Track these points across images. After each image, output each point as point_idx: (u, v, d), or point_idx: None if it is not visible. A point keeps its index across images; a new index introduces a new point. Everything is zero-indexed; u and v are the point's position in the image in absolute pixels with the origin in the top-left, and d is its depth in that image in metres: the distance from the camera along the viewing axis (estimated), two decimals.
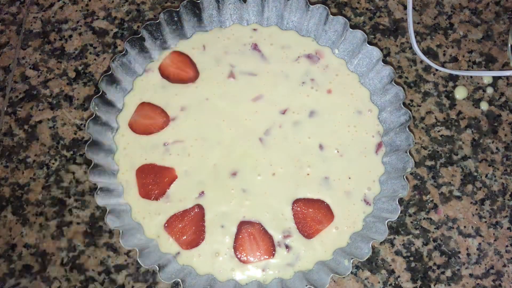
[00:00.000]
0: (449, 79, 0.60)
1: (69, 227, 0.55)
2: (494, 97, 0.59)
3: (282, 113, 0.57)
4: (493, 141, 0.58)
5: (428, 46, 0.61)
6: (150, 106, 0.57)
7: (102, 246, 0.54)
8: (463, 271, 0.54)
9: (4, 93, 0.60)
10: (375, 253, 0.54)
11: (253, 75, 0.58)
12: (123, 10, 0.63)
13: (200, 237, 0.53)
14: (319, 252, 0.52)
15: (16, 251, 0.54)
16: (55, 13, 0.63)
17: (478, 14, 0.62)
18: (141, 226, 0.53)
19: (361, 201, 0.54)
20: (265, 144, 0.56)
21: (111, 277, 0.53)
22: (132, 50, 0.57)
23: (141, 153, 0.56)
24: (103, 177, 0.53)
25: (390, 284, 0.53)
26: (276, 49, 0.59)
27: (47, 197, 0.56)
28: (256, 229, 0.53)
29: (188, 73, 0.58)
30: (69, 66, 0.61)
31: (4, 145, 0.58)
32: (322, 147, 0.56)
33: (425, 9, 0.63)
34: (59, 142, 0.58)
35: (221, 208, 0.54)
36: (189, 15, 0.58)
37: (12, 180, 0.57)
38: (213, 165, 0.55)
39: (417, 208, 0.55)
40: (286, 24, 0.60)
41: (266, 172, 0.55)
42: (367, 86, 0.58)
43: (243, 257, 0.52)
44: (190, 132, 0.56)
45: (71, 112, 0.59)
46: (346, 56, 0.58)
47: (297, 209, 0.53)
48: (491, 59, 0.60)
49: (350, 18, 0.62)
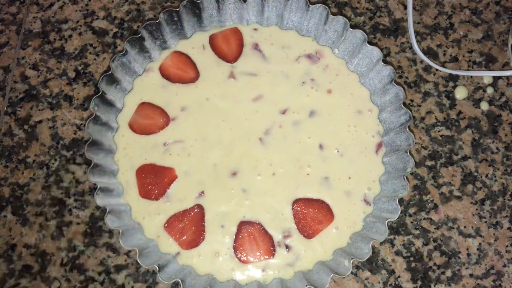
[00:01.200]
0: (449, 79, 0.60)
1: (69, 227, 0.55)
2: (494, 97, 0.59)
3: (282, 113, 0.57)
4: (493, 141, 0.58)
5: (428, 46, 0.61)
6: (150, 106, 0.57)
7: (102, 246, 0.54)
8: (463, 271, 0.53)
9: (4, 93, 0.60)
10: (375, 253, 0.54)
11: (253, 75, 0.58)
12: (123, 10, 0.63)
13: (200, 237, 0.53)
14: (319, 252, 0.52)
15: (16, 251, 0.54)
16: (55, 13, 0.63)
17: (478, 14, 0.62)
18: (141, 226, 0.53)
19: (361, 201, 0.54)
20: (265, 144, 0.56)
21: (111, 277, 0.53)
22: (132, 50, 0.57)
23: (141, 153, 0.56)
24: (103, 177, 0.53)
25: (390, 284, 0.53)
26: (276, 49, 0.59)
27: (47, 197, 0.56)
28: (256, 229, 0.53)
29: (188, 74, 0.58)
30: (69, 66, 0.61)
31: (4, 145, 0.58)
32: (322, 147, 0.55)
33: (425, 9, 0.62)
34: (59, 142, 0.58)
35: (221, 208, 0.54)
36: (189, 15, 0.58)
37: (12, 180, 0.57)
38: (213, 165, 0.55)
39: (417, 208, 0.55)
40: (286, 24, 0.60)
41: (266, 172, 0.55)
42: (367, 86, 0.58)
43: (243, 257, 0.52)
44: (190, 132, 0.56)
45: (71, 112, 0.59)
46: (346, 56, 0.58)
47: (297, 209, 0.53)
48: (491, 59, 0.60)
49: (350, 18, 0.62)
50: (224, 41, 0.59)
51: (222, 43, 0.59)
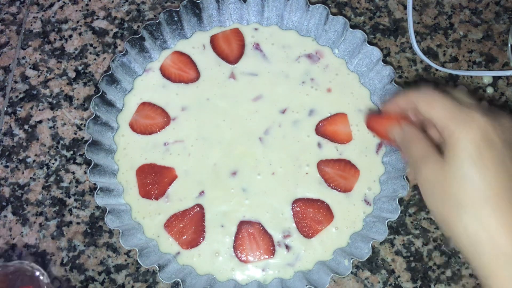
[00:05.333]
0: (449, 79, 0.60)
1: (69, 227, 0.55)
2: (494, 97, 0.59)
3: (282, 113, 0.57)
4: None
5: (428, 46, 0.61)
6: (150, 106, 0.57)
7: (102, 246, 0.54)
8: (463, 271, 0.53)
9: (4, 93, 0.60)
10: (375, 253, 0.54)
11: (253, 75, 0.58)
12: (123, 10, 0.63)
13: (200, 237, 0.53)
14: (319, 252, 0.52)
15: (16, 251, 0.54)
16: (55, 13, 0.63)
17: (478, 14, 0.62)
18: (141, 226, 0.53)
19: (361, 201, 0.54)
20: (265, 143, 0.56)
21: (111, 277, 0.53)
22: (132, 50, 0.57)
23: (141, 153, 0.56)
24: (103, 177, 0.53)
25: (390, 284, 0.53)
26: (277, 49, 0.59)
27: (47, 197, 0.56)
28: (256, 228, 0.53)
29: (189, 74, 0.58)
30: (69, 66, 0.61)
31: (4, 145, 0.58)
32: (321, 146, 0.56)
33: (425, 9, 0.63)
34: (59, 142, 0.58)
35: (221, 207, 0.54)
36: (189, 15, 0.58)
37: (12, 180, 0.57)
38: (213, 165, 0.55)
39: (417, 208, 0.55)
40: (286, 24, 0.60)
41: (266, 172, 0.55)
42: (367, 86, 0.58)
43: (243, 256, 0.52)
44: (191, 132, 0.56)
45: (71, 112, 0.59)
46: (346, 56, 0.58)
47: (297, 209, 0.53)
48: (491, 59, 0.60)
49: (350, 18, 0.62)
50: (225, 42, 0.59)
51: (223, 44, 0.59)
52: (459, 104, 0.41)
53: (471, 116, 0.39)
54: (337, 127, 0.56)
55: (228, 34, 0.59)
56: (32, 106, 0.60)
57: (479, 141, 0.38)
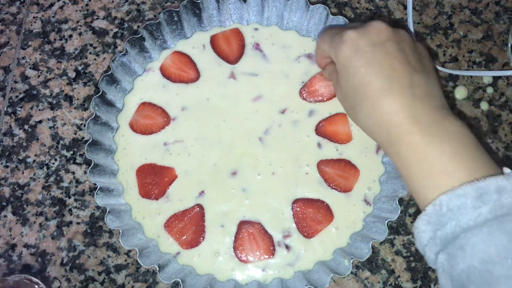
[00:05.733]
0: (449, 79, 0.60)
1: (69, 227, 0.55)
2: (494, 97, 0.59)
3: (282, 113, 0.57)
4: (493, 141, 0.58)
5: (428, 46, 0.61)
6: (150, 106, 0.57)
7: (102, 246, 0.54)
8: None
9: (4, 93, 0.60)
10: (375, 253, 0.54)
11: (253, 75, 0.58)
12: (123, 10, 0.63)
13: (200, 237, 0.53)
14: (319, 252, 0.52)
15: (16, 251, 0.54)
16: (55, 13, 0.63)
17: (478, 14, 0.62)
18: (141, 226, 0.53)
19: (361, 201, 0.54)
20: (264, 143, 0.56)
21: (111, 277, 0.53)
22: (132, 50, 0.57)
23: (141, 153, 0.56)
24: (103, 177, 0.53)
25: (390, 284, 0.53)
26: (277, 49, 0.59)
27: (47, 197, 0.56)
28: (256, 228, 0.53)
29: (189, 74, 0.58)
30: (69, 66, 0.61)
31: (4, 145, 0.58)
32: (321, 146, 0.56)
33: (425, 9, 0.63)
34: (59, 142, 0.58)
35: (221, 207, 0.54)
36: (189, 15, 0.58)
37: (12, 180, 0.57)
38: (213, 165, 0.55)
39: (417, 208, 0.55)
40: (286, 24, 0.60)
41: (266, 172, 0.55)
42: None
43: (243, 256, 0.52)
44: (191, 132, 0.56)
45: (71, 112, 0.59)
46: None
47: (297, 209, 0.53)
48: (491, 59, 0.60)
49: (350, 18, 0.62)
50: (225, 42, 0.59)
51: (223, 44, 0.59)
52: (336, 33, 0.48)
53: (342, 37, 0.46)
54: (337, 127, 0.56)
55: (228, 34, 0.59)
56: (32, 106, 0.60)
57: (350, 55, 0.45)
